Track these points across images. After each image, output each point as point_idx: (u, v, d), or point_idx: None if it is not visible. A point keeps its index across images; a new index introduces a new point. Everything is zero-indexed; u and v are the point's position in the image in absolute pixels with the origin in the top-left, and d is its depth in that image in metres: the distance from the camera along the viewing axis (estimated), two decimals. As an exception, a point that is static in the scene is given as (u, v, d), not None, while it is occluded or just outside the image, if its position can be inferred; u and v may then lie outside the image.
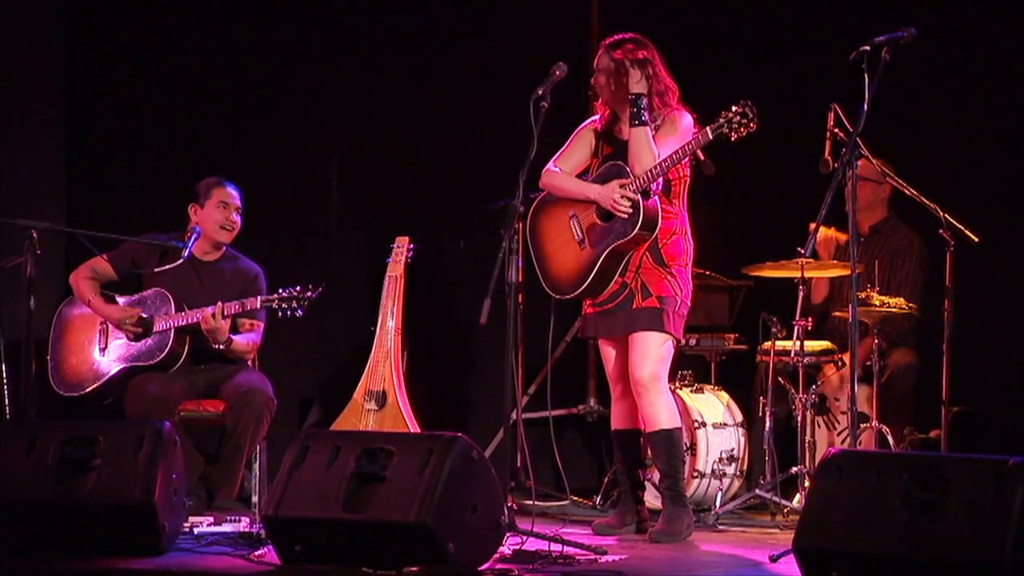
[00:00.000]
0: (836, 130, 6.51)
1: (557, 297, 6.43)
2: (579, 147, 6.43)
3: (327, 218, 8.40)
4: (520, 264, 5.81)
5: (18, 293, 6.37)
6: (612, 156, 6.32)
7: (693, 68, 6.66)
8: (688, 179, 6.32)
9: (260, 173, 8.23)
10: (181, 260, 7.01)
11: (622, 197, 6.15)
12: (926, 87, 7.44)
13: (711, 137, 6.10)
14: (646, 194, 6.17)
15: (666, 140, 6.22)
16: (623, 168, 6.22)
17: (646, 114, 6.19)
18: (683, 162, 6.23)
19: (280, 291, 6.87)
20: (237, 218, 7.18)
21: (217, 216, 7.13)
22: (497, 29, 8.28)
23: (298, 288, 6.84)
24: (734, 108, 6.09)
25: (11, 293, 6.85)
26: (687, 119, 6.29)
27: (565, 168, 6.40)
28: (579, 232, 6.34)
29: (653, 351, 6.24)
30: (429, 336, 8.16)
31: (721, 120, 6.09)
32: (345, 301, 8.14)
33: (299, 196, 8.40)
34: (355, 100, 8.37)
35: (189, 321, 6.90)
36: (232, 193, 7.20)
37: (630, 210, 6.15)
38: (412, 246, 7.51)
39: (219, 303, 6.86)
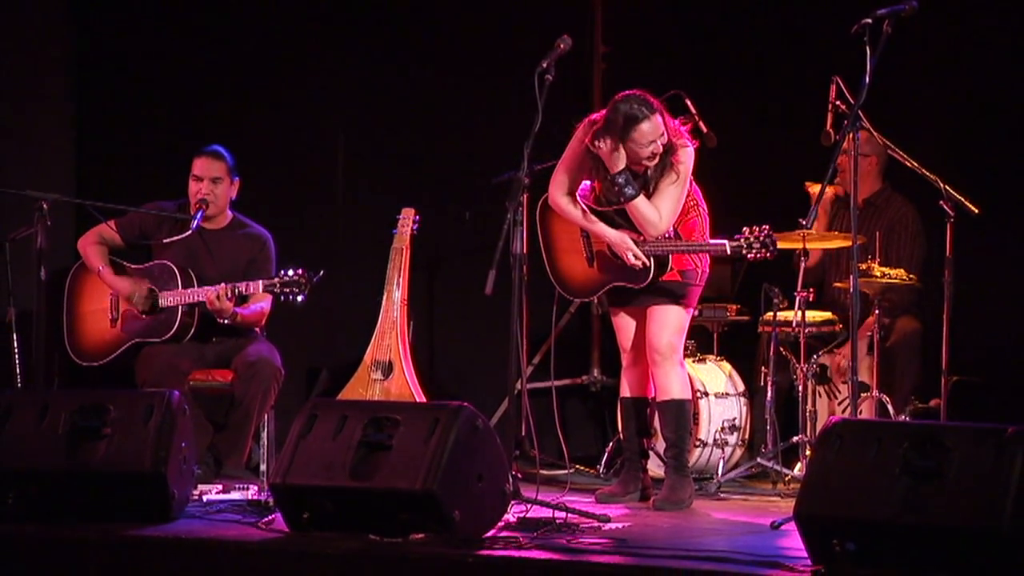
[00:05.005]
0: (838, 102, 6.54)
1: (563, 294, 6.52)
2: (580, 165, 6.33)
3: (333, 190, 8.42)
4: (525, 236, 5.85)
5: (29, 264, 6.41)
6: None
7: (695, 44, 6.69)
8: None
9: (266, 146, 8.25)
10: (189, 232, 7.04)
11: (635, 257, 6.18)
12: (927, 60, 7.46)
13: (728, 253, 6.18)
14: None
15: (668, 189, 6.19)
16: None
17: (630, 188, 6.16)
18: (683, 134, 6.25)
19: (282, 272, 6.87)
20: (212, 188, 7.08)
21: (192, 189, 7.14)
22: (502, 2, 8.30)
23: (300, 271, 6.82)
24: (756, 231, 6.14)
25: (22, 264, 6.90)
26: (688, 161, 6.22)
27: (570, 185, 6.32)
28: (588, 251, 6.38)
29: (672, 322, 6.31)
30: (434, 307, 8.20)
31: (741, 240, 6.14)
32: (351, 272, 8.17)
33: (305, 168, 8.42)
34: (360, 73, 8.38)
35: (194, 299, 6.94)
36: (204, 163, 7.10)
37: (642, 267, 6.21)
38: (417, 218, 7.53)
39: (222, 284, 6.88)
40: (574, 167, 6.34)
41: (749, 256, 6.16)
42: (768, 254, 6.15)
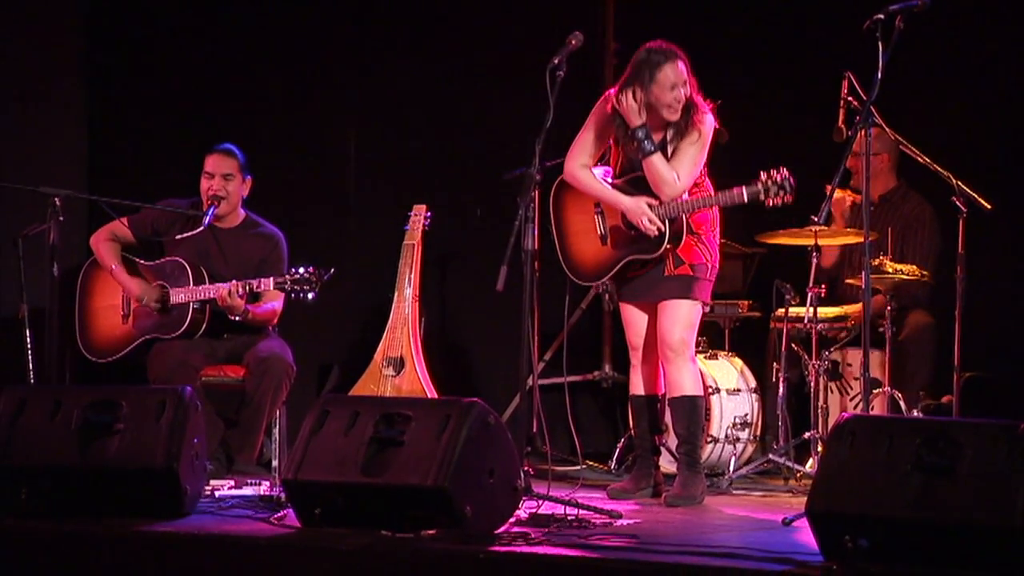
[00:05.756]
0: (850, 98, 6.54)
1: (574, 280, 6.50)
2: (600, 134, 6.37)
3: (345, 186, 8.45)
4: (536, 232, 5.85)
5: (41, 260, 6.43)
6: (633, 160, 6.30)
7: (706, 40, 6.69)
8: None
9: (279, 142, 8.27)
10: (201, 228, 7.06)
11: (650, 221, 6.16)
12: (939, 55, 7.46)
13: (745, 200, 6.14)
14: (672, 220, 6.21)
15: (687, 153, 6.20)
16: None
17: (649, 143, 6.17)
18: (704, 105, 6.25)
19: (293, 271, 6.88)
20: (224, 185, 7.10)
21: (203, 186, 7.15)
22: (513, -2, 8.33)
23: (311, 269, 6.84)
24: (774, 174, 6.11)
25: (34, 260, 6.92)
26: (708, 126, 6.25)
27: (587, 157, 6.36)
28: (602, 228, 6.37)
29: (684, 317, 6.29)
30: (446, 303, 8.21)
31: (758, 185, 6.12)
32: (363, 269, 8.19)
33: (317, 165, 8.44)
34: (372, 69, 8.40)
35: (205, 296, 6.95)
36: (216, 160, 7.13)
37: (656, 233, 6.19)
38: (429, 214, 7.54)
39: (233, 282, 6.90)
40: (592, 140, 6.36)
41: (768, 202, 6.13)
42: (788, 197, 6.10)
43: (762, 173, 6.13)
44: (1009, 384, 7.31)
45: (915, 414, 6.99)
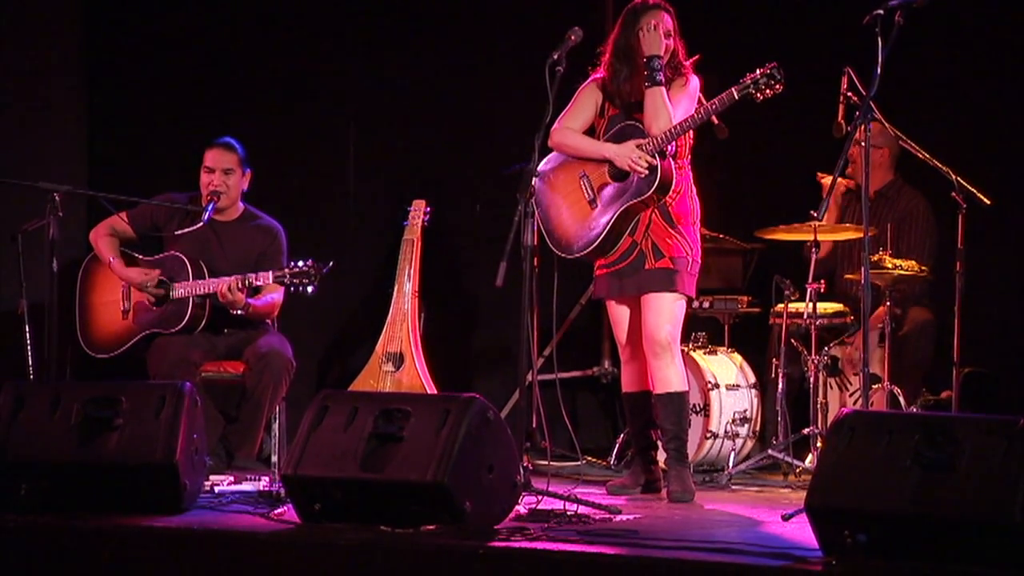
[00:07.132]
0: (849, 94, 6.54)
1: (564, 256, 6.43)
2: (585, 105, 6.38)
3: (345, 182, 8.45)
4: (535, 227, 5.85)
5: (41, 256, 6.43)
6: (619, 117, 6.32)
7: (707, 30, 6.69)
8: (692, 139, 6.33)
9: (278, 137, 8.27)
10: (201, 224, 7.06)
11: (639, 157, 6.16)
12: (939, 51, 7.46)
13: (736, 98, 6.08)
14: (662, 154, 6.18)
15: (678, 99, 6.23)
16: (639, 128, 6.22)
17: (660, 75, 6.20)
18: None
19: (292, 264, 6.87)
20: (224, 180, 7.10)
21: (203, 180, 7.15)
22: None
23: (310, 262, 6.82)
24: (759, 70, 6.09)
25: (34, 256, 6.92)
26: (695, 80, 6.29)
27: (575, 124, 6.37)
28: (589, 192, 6.33)
29: (669, 312, 6.26)
30: (445, 298, 8.21)
31: (747, 81, 6.08)
32: (363, 264, 8.19)
33: (316, 160, 8.44)
34: (371, 65, 8.40)
35: (205, 291, 6.95)
36: (216, 155, 7.13)
37: (647, 171, 6.18)
38: (429, 209, 7.54)
39: (234, 276, 6.89)
40: (579, 110, 6.36)
41: (759, 97, 6.10)
42: (779, 87, 6.07)
43: (747, 74, 6.11)
44: (1008, 379, 7.31)
45: (914, 410, 6.99)
